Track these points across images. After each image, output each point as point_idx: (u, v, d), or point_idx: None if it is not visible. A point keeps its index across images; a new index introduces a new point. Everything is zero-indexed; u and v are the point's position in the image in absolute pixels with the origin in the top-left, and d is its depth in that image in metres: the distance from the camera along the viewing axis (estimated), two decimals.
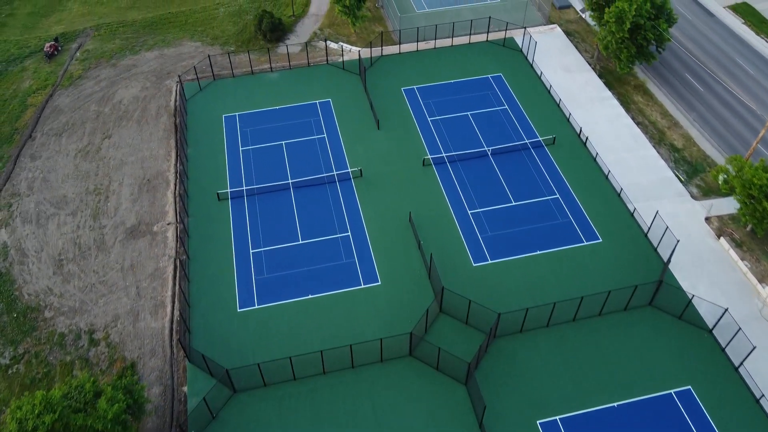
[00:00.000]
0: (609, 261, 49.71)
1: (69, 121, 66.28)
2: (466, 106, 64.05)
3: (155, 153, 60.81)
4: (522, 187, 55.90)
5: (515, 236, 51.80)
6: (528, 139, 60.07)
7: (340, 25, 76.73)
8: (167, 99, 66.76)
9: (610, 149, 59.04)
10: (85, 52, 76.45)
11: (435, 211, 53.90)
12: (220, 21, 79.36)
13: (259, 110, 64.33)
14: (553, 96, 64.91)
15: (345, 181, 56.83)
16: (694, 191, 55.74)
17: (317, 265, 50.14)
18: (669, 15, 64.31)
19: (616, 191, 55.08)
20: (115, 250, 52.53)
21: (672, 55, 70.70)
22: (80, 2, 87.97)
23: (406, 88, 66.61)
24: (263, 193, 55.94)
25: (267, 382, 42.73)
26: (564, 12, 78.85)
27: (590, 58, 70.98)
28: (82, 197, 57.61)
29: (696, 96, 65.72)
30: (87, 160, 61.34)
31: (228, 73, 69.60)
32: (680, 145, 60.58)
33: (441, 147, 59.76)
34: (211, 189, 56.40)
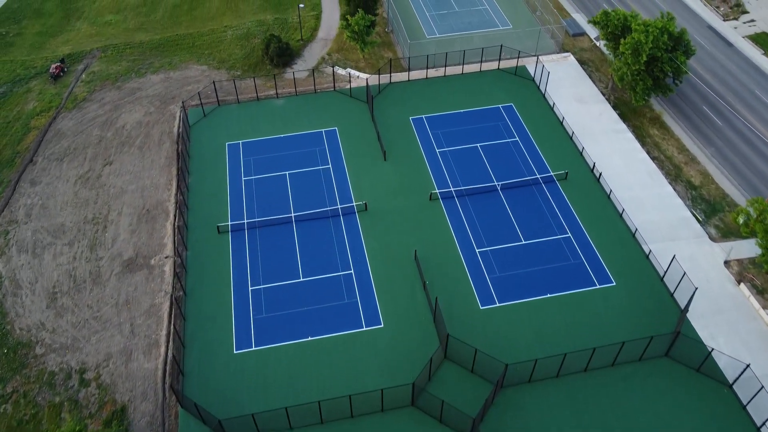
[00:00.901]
0: (623, 306, 47.46)
1: (71, 146, 65.16)
2: (475, 138, 62.25)
3: (156, 182, 59.41)
4: (532, 224, 53.87)
5: (525, 278, 49.71)
6: (539, 174, 58.09)
7: (349, 50, 75.40)
8: (170, 125, 65.51)
9: (624, 186, 56.92)
10: (91, 74, 75.59)
11: (441, 248, 51.95)
12: (227, 44, 78.32)
13: (264, 138, 62.88)
14: (566, 128, 63.00)
15: (349, 215, 55.06)
16: (713, 232, 53.45)
17: (318, 304, 48.27)
18: (687, 46, 62.37)
19: (630, 231, 52.90)
20: (111, 284, 50.95)
21: (689, 86, 68.64)
22: (89, 22, 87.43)
23: (414, 117, 64.96)
24: (265, 226, 54.28)
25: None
26: (578, 39, 77.08)
27: (604, 88, 69.06)
28: (80, 226, 56.23)
29: (714, 130, 63.56)
30: (87, 187, 60.03)
31: (233, 98, 68.33)
32: (698, 182, 58.34)
33: (449, 180, 57.93)
34: (211, 221, 54.82)
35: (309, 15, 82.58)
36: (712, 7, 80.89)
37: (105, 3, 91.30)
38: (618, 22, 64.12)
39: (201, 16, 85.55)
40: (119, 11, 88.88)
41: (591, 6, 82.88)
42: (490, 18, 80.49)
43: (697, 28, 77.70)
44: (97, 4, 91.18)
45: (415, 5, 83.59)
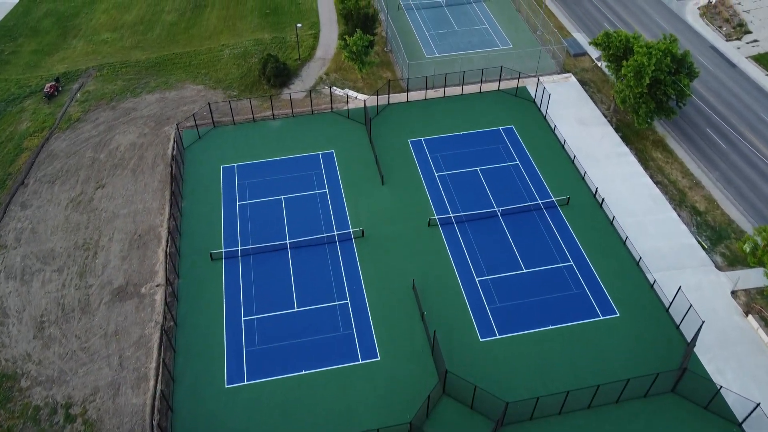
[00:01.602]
0: (627, 339, 45.94)
1: (63, 168, 63.98)
2: (475, 161, 61.04)
3: (149, 206, 58.15)
4: (533, 252, 52.49)
5: (526, 308, 48.26)
6: (540, 199, 56.82)
7: (347, 70, 74.43)
8: (165, 147, 64.35)
9: (627, 211, 55.61)
10: (86, 93, 74.59)
11: (440, 277, 50.55)
12: (224, 63, 77.38)
13: (259, 161, 61.68)
14: (568, 151, 61.81)
15: (346, 242, 53.72)
16: (719, 260, 52.05)
17: (313, 336, 46.79)
18: (690, 69, 61.29)
19: (634, 259, 51.51)
20: (100, 314, 49.51)
21: (692, 108, 67.52)
22: (85, 40, 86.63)
23: (412, 139, 63.81)
24: (259, 253, 52.95)
25: None
26: (579, 59, 76.11)
27: (606, 110, 67.96)
28: (70, 252, 54.88)
29: (718, 153, 62.35)
30: (78, 211, 58.77)
31: (229, 119, 67.24)
32: (702, 207, 57.03)
33: (448, 206, 56.64)
34: (204, 248, 53.48)
35: (307, 34, 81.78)
36: (714, 27, 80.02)
37: (102, 21, 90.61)
38: (620, 43, 63.09)
39: (198, 35, 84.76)
40: (116, 29, 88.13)
41: (592, 25, 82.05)
42: (490, 37, 79.61)
43: (700, 48, 76.76)
44: (94, 22, 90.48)
45: (415, 24, 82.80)
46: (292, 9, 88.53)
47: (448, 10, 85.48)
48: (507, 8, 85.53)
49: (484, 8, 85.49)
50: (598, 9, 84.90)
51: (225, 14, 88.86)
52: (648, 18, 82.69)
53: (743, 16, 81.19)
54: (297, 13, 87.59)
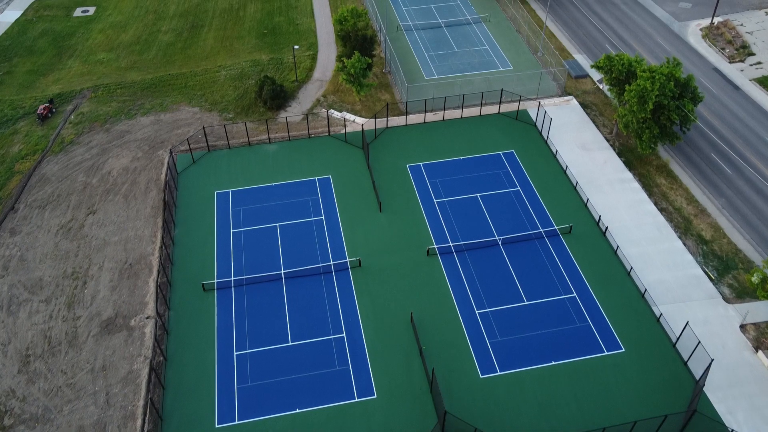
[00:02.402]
0: (633, 376, 44.27)
1: (54, 192, 62.60)
2: (475, 187, 59.67)
3: (140, 233, 56.69)
4: (535, 283, 50.96)
5: (528, 343, 46.63)
6: (542, 228, 55.37)
7: (345, 92, 73.31)
8: (158, 171, 63.02)
9: (632, 240, 54.15)
10: (80, 115, 73.41)
11: (439, 310, 48.96)
12: (220, 85, 76.29)
13: (254, 187, 60.31)
14: (570, 177, 60.46)
15: (342, 272, 52.18)
16: (727, 292, 50.48)
17: (307, 372, 45.11)
18: (694, 93, 60.15)
19: (639, 291, 49.95)
20: (88, 347, 47.87)
21: (696, 131, 66.27)
22: (81, 61, 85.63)
23: (411, 164, 62.48)
24: (253, 283, 51.40)
25: None
26: (580, 82, 75.02)
27: (609, 133, 66.72)
28: (59, 282, 53.34)
29: (724, 179, 61.00)
30: (68, 238, 57.30)
31: (224, 143, 65.99)
32: (708, 236, 55.57)
33: (447, 234, 55.17)
34: (196, 278, 51.95)
35: (305, 55, 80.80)
36: (717, 48, 79.06)
37: (98, 41, 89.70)
38: (622, 67, 62.01)
39: (195, 56, 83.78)
40: (112, 49, 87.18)
41: (593, 47, 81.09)
42: (490, 59, 78.61)
43: (703, 70, 75.72)
44: (90, 42, 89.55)
45: (414, 45, 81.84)
46: (290, 29, 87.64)
47: (448, 31, 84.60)
48: (507, 29, 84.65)
49: (484, 29, 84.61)
50: (600, 30, 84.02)
51: (222, 35, 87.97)
52: (650, 39, 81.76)
53: (746, 37, 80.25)
54: (295, 33, 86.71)
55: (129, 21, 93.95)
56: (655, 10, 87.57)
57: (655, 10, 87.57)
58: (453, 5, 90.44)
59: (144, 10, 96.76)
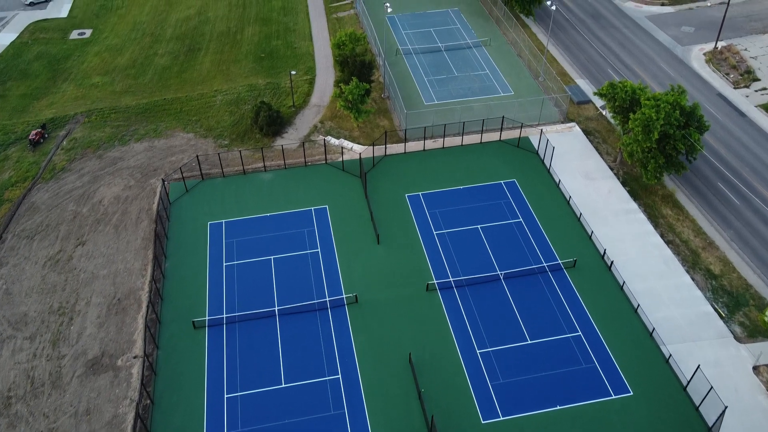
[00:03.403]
0: (642, 422, 42.18)
1: (44, 222, 60.90)
2: (476, 218, 57.94)
3: (130, 266, 54.88)
4: (539, 320, 49.03)
5: (531, 385, 44.61)
6: (545, 261, 53.56)
7: (343, 118, 71.89)
8: (150, 201, 61.34)
9: (638, 275, 52.31)
10: (72, 141, 71.93)
11: (439, 349, 46.99)
12: (216, 110, 74.90)
13: (249, 217, 58.60)
14: (573, 208, 58.76)
15: (338, 308, 50.29)
16: (738, 330, 48.55)
17: (301, 416, 43.03)
18: (700, 122, 58.69)
19: (647, 330, 48.01)
20: (72, 389, 45.83)
21: (702, 159, 64.65)
22: (75, 84, 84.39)
23: (410, 194, 60.81)
24: (245, 320, 49.48)
25: None
26: (583, 108, 73.62)
27: (612, 161, 65.14)
28: (44, 317, 51.43)
29: (732, 210, 59.30)
30: (56, 270, 55.47)
31: (218, 171, 64.39)
32: (717, 270, 53.73)
33: (447, 268, 53.34)
34: (186, 315, 50.04)
35: (302, 79, 79.56)
36: (721, 73, 77.81)
37: (94, 64, 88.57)
38: (625, 95, 60.65)
39: (191, 80, 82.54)
40: (107, 73, 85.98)
41: (596, 71, 79.86)
42: (491, 84, 77.32)
43: (708, 95, 74.37)
44: (85, 65, 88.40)
45: (413, 69, 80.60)
46: (288, 53, 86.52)
47: (448, 55, 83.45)
48: (508, 53, 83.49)
49: (484, 53, 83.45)
50: (601, 55, 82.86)
51: (219, 58, 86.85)
52: (653, 64, 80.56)
53: (750, 62, 79.06)
54: (293, 57, 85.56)
55: (125, 44, 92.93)
56: (658, 35, 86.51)
57: (658, 35, 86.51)
58: (453, 29, 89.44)
59: (141, 32, 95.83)
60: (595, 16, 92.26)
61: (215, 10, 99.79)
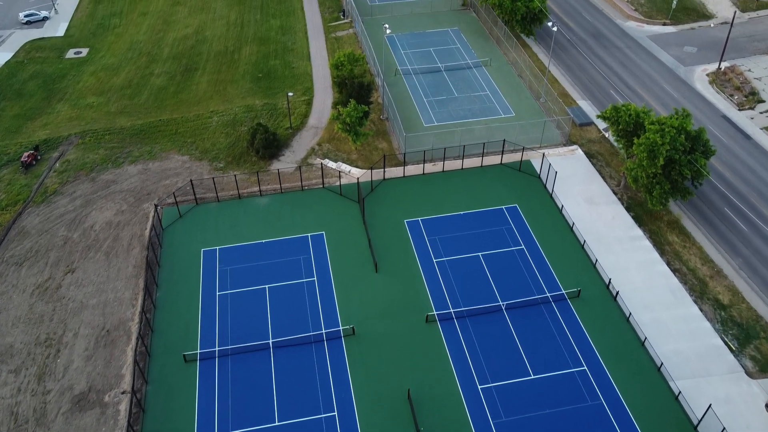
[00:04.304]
0: None
1: (33, 248, 59.32)
2: (477, 245, 56.38)
3: (120, 296, 53.22)
4: (542, 354, 47.28)
5: (535, 423, 42.79)
6: (549, 291, 51.92)
7: (341, 140, 70.56)
8: (142, 227, 59.80)
9: (644, 306, 50.65)
10: (65, 163, 70.56)
11: (439, 385, 45.20)
12: (212, 131, 73.62)
13: (243, 244, 57.01)
14: (577, 234, 57.23)
15: (334, 340, 48.55)
16: (749, 365, 46.81)
17: None
18: (706, 147, 57.38)
19: (655, 364, 46.27)
20: (56, 427, 43.97)
21: (708, 184, 63.17)
22: (70, 105, 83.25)
23: (409, 220, 59.31)
24: (238, 353, 47.74)
25: None
26: (585, 130, 72.34)
27: (616, 186, 63.72)
28: (30, 349, 49.69)
29: (739, 236, 57.77)
30: (44, 299, 53.81)
31: (212, 196, 62.93)
32: (726, 300, 52.09)
33: (448, 298, 51.70)
34: (177, 347, 48.30)
35: (300, 100, 78.37)
36: (725, 95, 76.65)
37: (89, 84, 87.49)
38: (629, 118, 59.35)
39: (187, 100, 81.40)
40: (103, 93, 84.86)
41: (598, 92, 78.71)
42: (491, 105, 76.10)
43: (712, 117, 73.14)
44: (80, 85, 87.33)
45: (412, 90, 79.44)
46: (286, 73, 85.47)
47: (448, 75, 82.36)
48: (508, 74, 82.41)
49: (484, 73, 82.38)
50: (603, 76, 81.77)
51: (216, 78, 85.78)
52: (655, 85, 79.44)
53: (755, 83, 77.92)
54: (291, 77, 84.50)
55: (122, 63, 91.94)
56: (660, 55, 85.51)
57: (660, 55, 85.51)
58: (453, 48, 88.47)
59: (137, 52, 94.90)
60: (596, 35, 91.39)
61: (213, 30, 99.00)
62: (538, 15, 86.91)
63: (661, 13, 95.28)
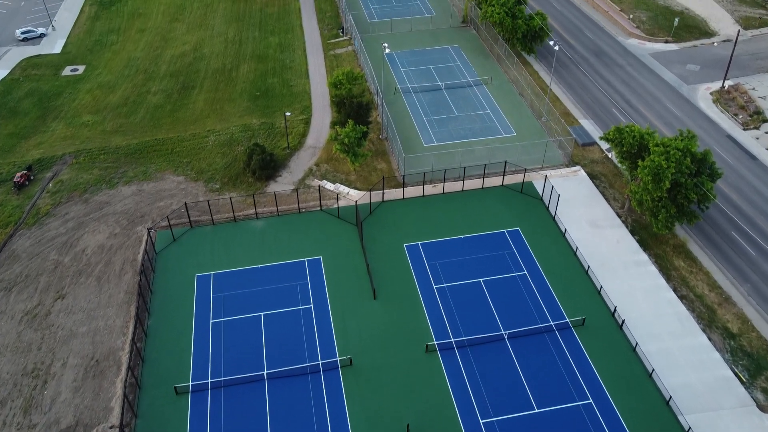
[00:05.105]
0: None
1: (23, 272, 57.85)
2: (478, 271, 54.91)
3: (111, 323, 51.67)
4: (546, 386, 45.64)
5: None
6: (552, 320, 50.38)
7: (339, 161, 69.30)
8: (135, 251, 58.34)
9: (652, 335, 49.08)
10: (59, 183, 69.25)
11: (439, 420, 43.53)
12: (208, 151, 72.37)
13: (239, 269, 55.54)
14: (580, 259, 55.77)
15: (331, 371, 46.93)
16: (761, 398, 45.17)
17: None
18: (712, 169, 56.10)
19: (663, 397, 44.63)
20: None
21: (714, 207, 61.76)
22: (65, 123, 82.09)
23: (409, 244, 57.89)
24: (231, 385, 46.10)
25: None
26: (587, 150, 71.10)
27: (620, 208, 62.35)
28: (17, 380, 48.07)
29: (747, 261, 56.33)
30: (32, 327, 52.26)
31: (207, 218, 61.54)
32: (735, 329, 50.53)
33: (448, 326, 50.13)
34: (168, 378, 46.68)
35: (298, 119, 77.22)
36: (729, 114, 75.50)
37: (85, 101, 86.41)
38: (633, 140, 58.08)
39: (183, 119, 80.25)
40: (98, 111, 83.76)
41: (600, 111, 77.57)
42: (492, 124, 74.93)
43: (716, 138, 71.94)
44: (76, 103, 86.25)
45: (412, 108, 78.31)
46: (284, 91, 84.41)
47: (448, 93, 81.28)
48: (509, 92, 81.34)
49: (485, 92, 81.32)
50: (605, 94, 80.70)
51: (213, 96, 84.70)
52: (659, 104, 78.34)
53: (759, 102, 76.81)
54: (289, 95, 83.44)
55: (118, 81, 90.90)
56: (663, 73, 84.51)
57: (663, 73, 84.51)
58: (453, 66, 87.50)
59: (134, 69, 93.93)
60: (598, 53, 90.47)
61: (211, 47, 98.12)
62: (539, 33, 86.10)
63: (663, 31, 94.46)
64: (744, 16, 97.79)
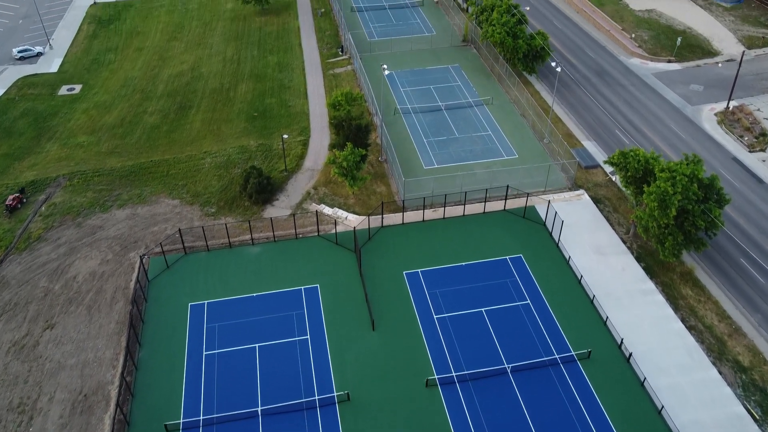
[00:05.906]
0: None
1: (12, 300, 56.27)
2: (480, 300, 53.32)
3: (100, 355, 50.00)
4: (551, 424, 43.85)
5: None
6: (557, 352, 48.70)
7: (337, 184, 67.92)
8: (127, 279, 56.80)
9: (660, 369, 47.38)
10: (51, 206, 67.83)
11: None
12: (204, 174, 71.02)
13: (233, 298, 53.97)
14: (585, 288, 54.19)
15: (328, 407, 45.21)
16: None
17: None
18: (720, 195, 54.69)
19: None
20: None
21: (721, 233, 60.22)
22: (60, 144, 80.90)
23: (408, 271, 56.34)
24: (224, 422, 44.36)
25: None
26: (591, 173, 69.75)
27: (625, 234, 60.88)
28: (2, 415, 46.31)
29: (757, 290, 54.74)
30: (20, 358, 50.58)
31: (202, 244, 60.06)
32: (747, 362, 48.85)
33: (449, 359, 48.45)
34: (159, 415, 44.92)
35: (295, 141, 75.99)
36: (734, 135, 74.26)
37: (81, 122, 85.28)
38: (638, 164, 56.76)
39: (180, 140, 79.02)
40: (94, 132, 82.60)
41: (603, 133, 76.33)
42: (493, 146, 73.68)
43: (722, 160, 70.63)
44: (71, 123, 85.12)
45: (412, 129, 77.12)
46: (282, 112, 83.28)
47: (448, 114, 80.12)
48: (511, 113, 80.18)
49: (486, 113, 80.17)
50: (608, 115, 79.54)
51: (210, 117, 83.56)
52: (662, 125, 77.13)
53: (765, 124, 75.60)
54: (287, 116, 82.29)
55: (115, 101, 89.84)
56: (666, 93, 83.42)
57: (666, 93, 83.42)
58: (453, 86, 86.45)
59: (131, 88, 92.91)
60: (600, 73, 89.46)
61: (209, 66, 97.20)
62: (540, 53, 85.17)
63: (666, 50, 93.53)
64: (747, 36, 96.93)
